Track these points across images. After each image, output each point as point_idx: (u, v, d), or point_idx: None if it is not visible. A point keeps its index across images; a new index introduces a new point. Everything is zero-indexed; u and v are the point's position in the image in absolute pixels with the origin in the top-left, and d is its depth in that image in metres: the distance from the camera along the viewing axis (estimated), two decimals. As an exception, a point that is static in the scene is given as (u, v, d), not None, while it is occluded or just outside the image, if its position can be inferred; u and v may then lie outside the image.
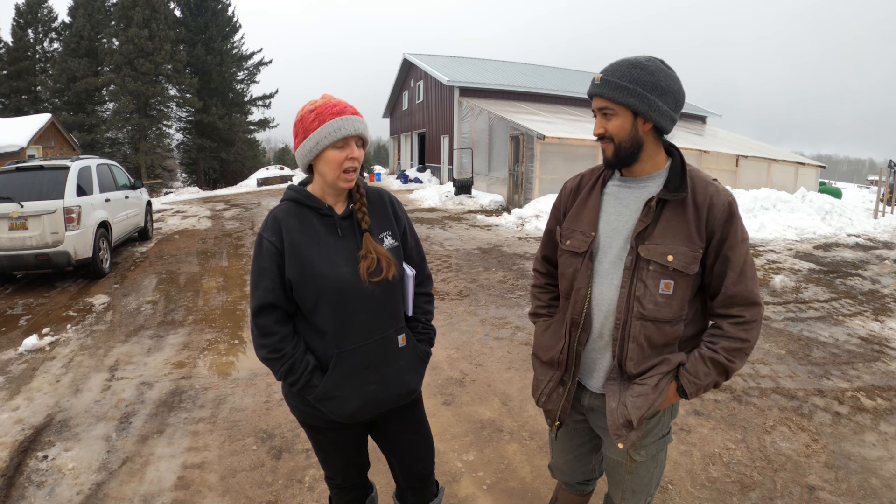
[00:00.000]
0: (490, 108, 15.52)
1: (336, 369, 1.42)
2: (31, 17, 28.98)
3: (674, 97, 1.28)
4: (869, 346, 4.20)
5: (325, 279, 1.38)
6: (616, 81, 1.27)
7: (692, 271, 1.28)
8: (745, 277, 1.30)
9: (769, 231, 9.44)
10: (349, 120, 1.37)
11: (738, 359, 1.31)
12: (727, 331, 1.31)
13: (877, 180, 17.24)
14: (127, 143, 29.47)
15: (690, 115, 23.32)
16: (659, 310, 1.30)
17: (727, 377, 1.34)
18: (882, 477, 2.48)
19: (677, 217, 1.30)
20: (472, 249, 7.96)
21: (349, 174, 1.40)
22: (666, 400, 1.35)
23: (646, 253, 1.30)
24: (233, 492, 2.39)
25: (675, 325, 1.32)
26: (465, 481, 2.45)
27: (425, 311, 1.65)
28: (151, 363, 3.86)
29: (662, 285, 1.29)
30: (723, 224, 1.29)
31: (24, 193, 5.82)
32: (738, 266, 1.29)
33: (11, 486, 2.44)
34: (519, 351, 4.02)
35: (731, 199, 1.31)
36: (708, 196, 1.30)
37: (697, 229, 1.29)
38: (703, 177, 1.34)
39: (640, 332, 1.32)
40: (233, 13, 33.14)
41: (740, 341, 1.30)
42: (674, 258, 1.28)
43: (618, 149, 1.31)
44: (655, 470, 1.49)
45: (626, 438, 1.33)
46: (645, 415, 1.31)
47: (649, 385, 1.31)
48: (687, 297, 1.32)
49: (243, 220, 11.43)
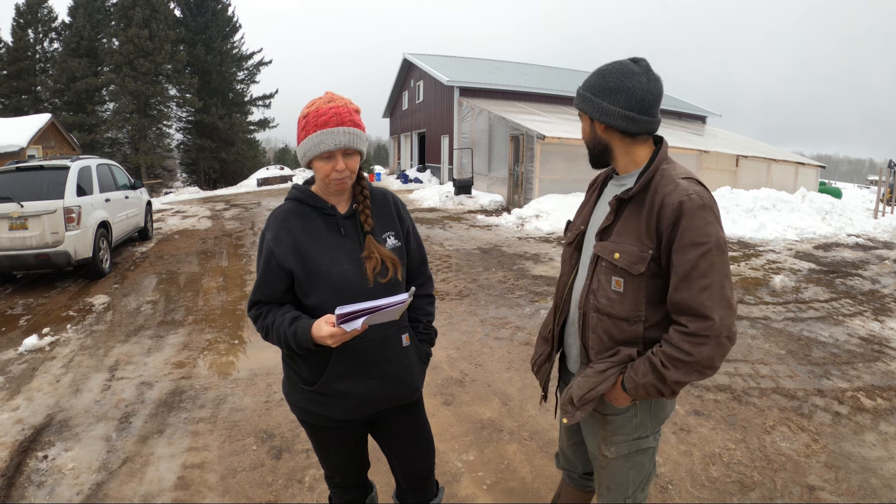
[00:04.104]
0: (490, 108, 15.52)
1: (337, 364, 1.41)
2: (31, 17, 28.98)
3: (626, 94, 1.29)
4: (869, 346, 4.20)
5: (327, 276, 1.39)
6: (580, 91, 1.38)
7: (636, 271, 1.28)
8: (692, 285, 1.20)
9: (769, 231, 9.44)
10: (331, 133, 1.32)
11: (675, 368, 1.24)
12: (671, 337, 1.25)
13: (877, 180, 17.24)
14: (127, 143, 29.48)
15: (690, 115, 23.30)
16: (612, 305, 1.34)
17: (666, 386, 1.26)
18: (882, 477, 2.48)
19: (634, 216, 1.32)
20: (472, 249, 7.96)
21: (338, 182, 1.39)
22: (615, 392, 1.36)
23: (598, 249, 1.37)
24: (233, 492, 2.39)
25: (632, 323, 1.33)
26: (465, 481, 2.45)
27: (426, 313, 1.64)
28: (151, 363, 3.86)
29: (614, 282, 1.33)
30: (671, 225, 1.23)
31: (24, 193, 5.81)
32: (681, 271, 1.22)
33: (11, 486, 2.44)
34: (519, 351, 4.02)
35: (684, 199, 1.22)
36: (663, 195, 1.25)
37: (647, 229, 1.27)
38: (672, 174, 1.29)
39: (598, 325, 1.38)
40: (233, 13, 33.18)
41: (681, 352, 1.22)
42: (620, 256, 1.31)
43: (589, 151, 1.43)
44: (631, 472, 1.46)
45: (570, 415, 1.41)
46: (586, 395, 1.37)
47: (596, 369, 1.37)
48: (642, 298, 1.30)
49: (243, 220, 11.43)
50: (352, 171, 1.40)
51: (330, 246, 1.42)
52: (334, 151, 1.35)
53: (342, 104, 1.37)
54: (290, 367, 1.51)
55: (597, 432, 1.48)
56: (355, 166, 1.41)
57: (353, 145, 1.36)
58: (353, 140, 1.35)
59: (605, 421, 1.44)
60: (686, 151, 13.31)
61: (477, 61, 24.24)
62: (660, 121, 1.36)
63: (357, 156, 1.41)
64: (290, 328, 1.35)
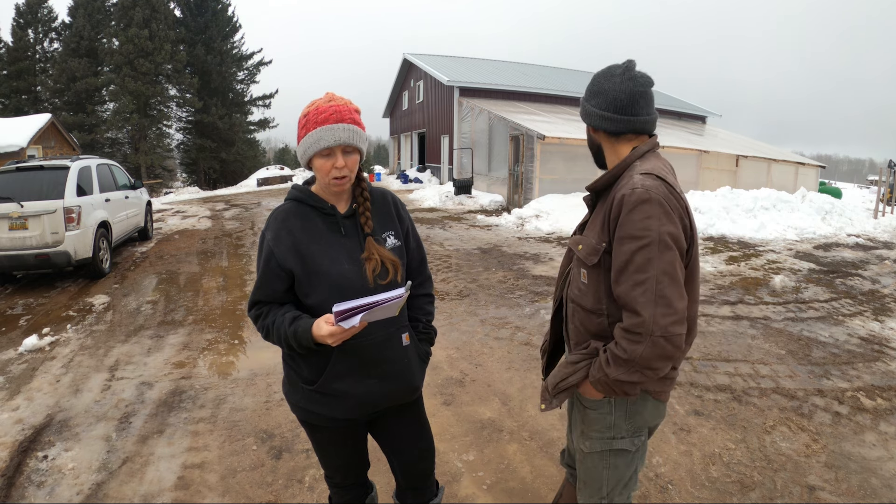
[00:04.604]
0: (490, 108, 15.52)
1: (337, 363, 1.41)
2: (31, 17, 28.98)
3: (603, 96, 1.38)
4: (869, 346, 4.20)
5: (327, 276, 1.39)
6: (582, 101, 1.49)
7: (590, 262, 1.34)
8: (626, 279, 1.21)
9: (769, 231, 9.44)
10: (331, 130, 1.34)
11: (615, 365, 1.24)
12: (615, 333, 1.26)
13: (877, 180, 17.24)
14: (127, 143, 29.46)
15: (690, 115, 23.29)
16: (581, 297, 1.40)
17: (612, 383, 1.27)
18: (882, 477, 2.48)
19: (600, 211, 1.38)
20: (472, 249, 7.96)
21: (338, 181, 1.39)
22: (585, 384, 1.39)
23: (570, 242, 1.48)
24: (233, 492, 2.39)
25: (598, 316, 1.37)
26: (465, 481, 2.45)
27: (426, 312, 1.65)
28: (151, 363, 3.86)
29: (582, 274, 1.40)
30: (616, 218, 1.27)
31: (24, 193, 5.81)
32: (618, 264, 1.23)
33: (11, 486, 2.44)
34: (519, 351, 4.02)
35: (626, 192, 1.23)
36: (617, 189, 1.30)
37: (603, 223, 1.33)
38: (634, 171, 1.32)
39: (574, 315, 1.44)
40: (233, 13, 33.17)
41: (619, 349, 1.22)
42: (581, 248, 1.38)
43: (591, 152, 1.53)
44: (605, 471, 1.46)
45: (548, 403, 1.47)
46: (559, 384, 1.42)
47: (569, 360, 1.42)
48: (602, 291, 1.34)
49: (243, 220, 11.43)
50: (351, 170, 1.40)
51: (330, 246, 1.42)
52: (334, 148, 1.36)
53: (342, 103, 1.39)
54: (291, 366, 1.51)
55: (578, 424, 1.51)
56: (355, 165, 1.41)
57: (352, 142, 1.37)
58: (352, 137, 1.36)
59: (584, 414, 1.47)
60: (686, 151, 13.31)
61: (477, 61, 24.25)
62: (646, 120, 1.38)
63: (357, 154, 1.41)
64: (290, 328, 1.36)
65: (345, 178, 1.40)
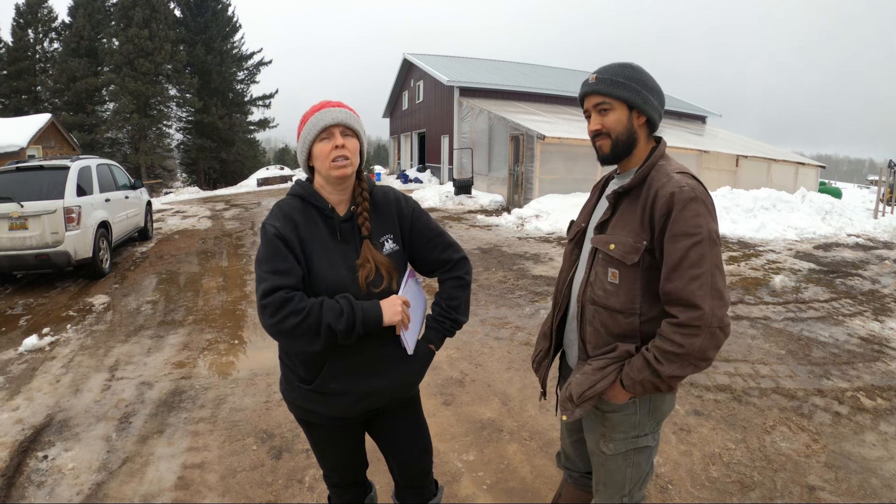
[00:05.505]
0: (490, 108, 15.52)
1: (335, 362, 1.41)
2: (31, 17, 28.96)
3: (659, 95, 1.38)
4: (869, 346, 4.20)
5: (324, 280, 1.38)
6: (611, 78, 1.35)
7: (630, 261, 1.31)
8: (682, 275, 1.22)
9: (769, 231, 9.44)
10: (326, 111, 1.40)
11: (669, 363, 1.24)
12: (662, 330, 1.26)
13: (877, 180, 17.24)
14: (127, 143, 29.45)
15: (690, 115, 23.29)
16: (608, 297, 1.36)
17: (662, 381, 1.27)
18: (882, 477, 2.48)
19: (630, 209, 1.35)
20: (472, 249, 7.96)
21: (339, 163, 1.38)
22: (614, 389, 1.36)
23: (595, 242, 1.40)
24: (233, 492, 2.39)
25: (628, 316, 1.34)
26: (465, 481, 2.45)
27: (449, 297, 1.54)
28: (151, 363, 3.86)
29: (610, 273, 1.36)
30: (663, 215, 1.26)
31: (24, 193, 5.81)
32: (672, 261, 1.24)
33: (11, 486, 2.44)
34: (519, 351, 4.02)
35: (676, 190, 1.25)
36: (657, 187, 1.29)
37: (642, 221, 1.31)
38: (667, 169, 1.33)
39: (595, 317, 1.39)
40: (233, 13, 33.13)
41: (673, 344, 1.23)
42: (615, 247, 1.34)
43: (615, 143, 1.37)
44: (628, 470, 1.47)
45: (570, 413, 1.41)
46: (585, 393, 1.36)
47: (595, 366, 1.37)
48: (637, 290, 1.33)
49: (243, 220, 11.43)
50: (352, 154, 1.41)
51: (328, 249, 1.41)
52: (331, 127, 1.39)
53: (337, 102, 1.44)
54: (288, 365, 1.51)
55: (596, 428, 1.48)
56: (355, 149, 1.42)
57: (349, 122, 1.41)
58: (349, 117, 1.41)
59: (605, 418, 1.45)
60: (686, 151, 13.31)
61: (477, 61, 24.26)
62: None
63: (355, 140, 1.43)
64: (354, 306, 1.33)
65: (346, 160, 1.39)
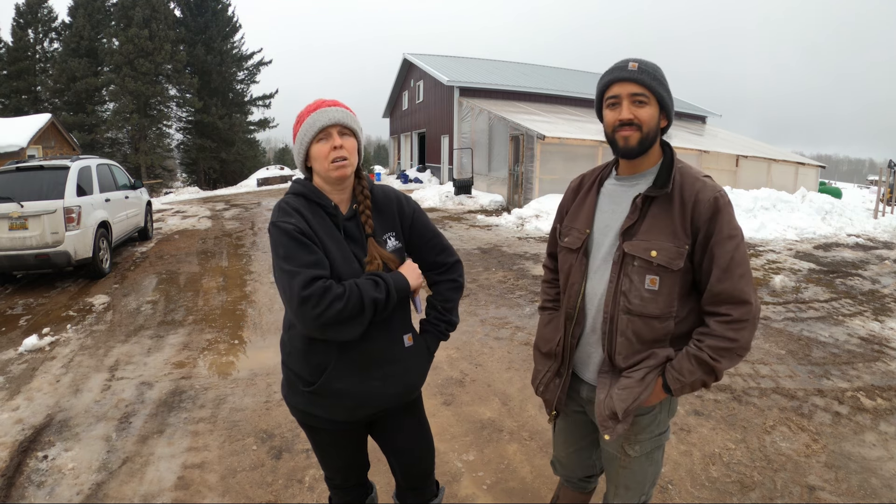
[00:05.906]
0: (490, 108, 15.52)
1: (338, 364, 1.40)
2: (31, 17, 28.94)
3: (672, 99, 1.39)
4: (869, 346, 4.20)
5: (338, 275, 1.35)
6: (652, 73, 1.33)
7: (676, 267, 1.30)
8: (732, 274, 1.27)
9: (769, 231, 9.44)
10: (323, 111, 1.38)
11: (724, 358, 1.28)
12: (713, 329, 1.29)
13: (877, 180, 17.24)
14: (127, 143, 29.44)
15: (690, 115, 23.29)
16: (645, 305, 1.33)
17: (715, 377, 1.31)
18: (882, 477, 2.48)
19: (663, 213, 1.33)
20: (472, 249, 7.96)
21: (338, 163, 1.37)
22: (653, 395, 1.35)
23: (630, 248, 1.34)
24: (233, 492, 2.39)
25: (664, 321, 1.33)
26: (465, 481, 2.45)
27: (444, 299, 1.57)
28: (151, 363, 3.86)
29: (648, 280, 1.33)
30: (708, 220, 1.28)
31: (24, 193, 5.81)
32: (723, 262, 1.27)
33: (11, 486, 2.44)
34: (519, 351, 4.02)
35: (717, 195, 1.29)
36: (695, 192, 1.30)
37: (682, 225, 1.30)
38: (692, 173, 1.35)
39: (628, 327, 1.35)
40: (233, 13, 33.12)
41: (727, 340, 1.27)
42: (657, 253, 1.31)
43: (644, 138, 1.33)
44: (650, 468, 1.48)
45: (612, 430, 1.36)
46: (630, 407, 1.33)
47: (635, 378, 1.34)
48: (675, 294, 1.33)
49: (243, 220, 11.43)
50: (350, 153, 1.40)
51: (338, 244, 1.40)
52: (329, 127, 1.37)
53: (332, 100, 1.43)
54: (290, 368, 1.50)
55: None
56: (353, 149, 1.41)
57: (346, 121, 1.40)
58: (346, 116, 1.40)
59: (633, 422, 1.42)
60: (686, 151, 13.30)
61: (477, 61, 24.26)
62: None
63: (353, 139, 1.42)
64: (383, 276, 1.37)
65: (345, 160, 1.38)
